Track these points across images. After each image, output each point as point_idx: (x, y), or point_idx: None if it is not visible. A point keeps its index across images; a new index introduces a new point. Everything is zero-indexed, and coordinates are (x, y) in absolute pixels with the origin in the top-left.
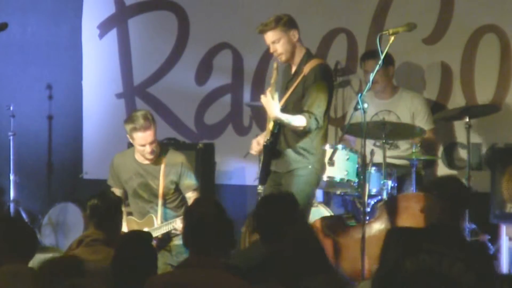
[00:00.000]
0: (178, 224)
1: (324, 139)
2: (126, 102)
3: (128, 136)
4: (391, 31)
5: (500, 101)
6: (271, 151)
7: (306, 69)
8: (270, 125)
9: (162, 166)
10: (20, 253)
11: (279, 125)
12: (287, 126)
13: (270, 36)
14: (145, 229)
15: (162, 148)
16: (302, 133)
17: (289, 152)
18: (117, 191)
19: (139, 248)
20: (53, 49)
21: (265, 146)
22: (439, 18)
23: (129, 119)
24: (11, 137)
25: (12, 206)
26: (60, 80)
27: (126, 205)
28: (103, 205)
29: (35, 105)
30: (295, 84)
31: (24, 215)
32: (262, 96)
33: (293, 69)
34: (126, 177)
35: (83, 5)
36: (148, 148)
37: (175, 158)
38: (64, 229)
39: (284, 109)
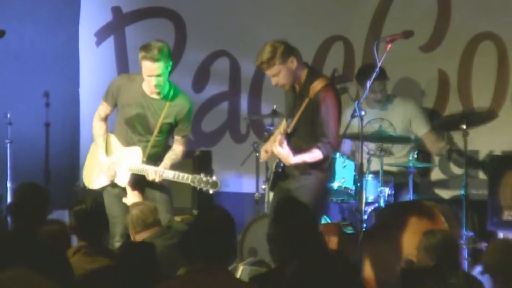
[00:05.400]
0: (150, 175)
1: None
2: None
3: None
4: (388, 39)
5: (497, 108)
6: (281, 175)
7: (312, 91)
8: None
9: (167, 106)
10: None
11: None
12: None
13: (269, 72)
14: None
15: (173, 89)
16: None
17: (295, 171)
18: (107, 108)
19: (142, 258)
20: (50, 57)
21: (275, 173)
22: (436, 26)
23: (145, 46)
24: (8, 145)
25: None
26: (57, 88)
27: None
28: (92, 210)
29: (32, 112)
30: (303, 107)
31: None
32: (273, 149)
33: (298, 88)
34: (125, 102)
35: (80, 13)
36: (153, 80)
37: (182, 102)
38: None
39: (295, 131)
